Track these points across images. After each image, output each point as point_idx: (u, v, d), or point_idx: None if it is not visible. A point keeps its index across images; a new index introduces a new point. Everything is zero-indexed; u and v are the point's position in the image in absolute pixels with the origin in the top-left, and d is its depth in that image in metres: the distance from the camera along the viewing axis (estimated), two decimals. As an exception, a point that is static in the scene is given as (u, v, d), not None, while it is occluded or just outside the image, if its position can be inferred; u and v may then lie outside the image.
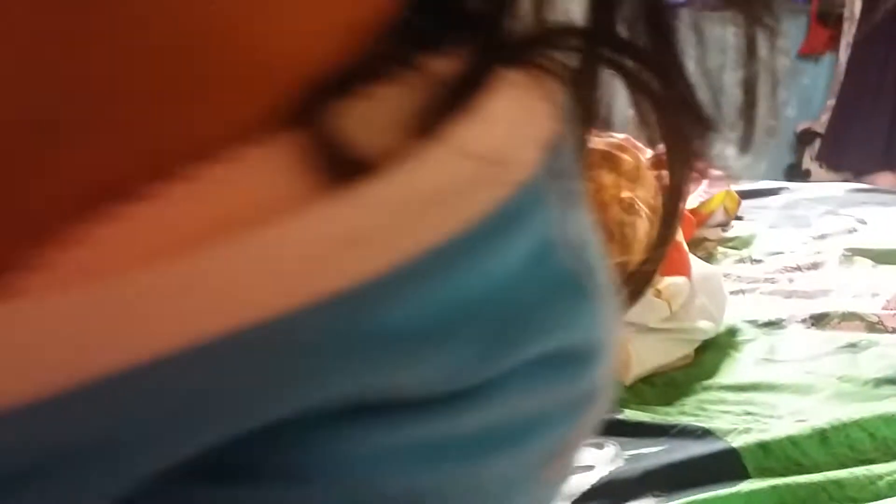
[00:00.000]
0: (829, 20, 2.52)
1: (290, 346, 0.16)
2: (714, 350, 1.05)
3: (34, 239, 0.16)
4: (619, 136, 1.72)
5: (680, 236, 1.18)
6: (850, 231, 1.45)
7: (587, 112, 0.20)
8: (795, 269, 1.31)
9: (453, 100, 0.17)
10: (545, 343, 0.18)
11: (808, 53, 2.64)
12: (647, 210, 1.18)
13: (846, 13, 2.47)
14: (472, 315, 0.17)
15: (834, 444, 0.78)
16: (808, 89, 2.67)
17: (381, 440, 0.17)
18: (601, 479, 0.76)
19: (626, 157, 1.21)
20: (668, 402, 0.93)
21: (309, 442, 0.17)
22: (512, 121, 0.18)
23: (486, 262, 0.17)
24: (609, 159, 1.18)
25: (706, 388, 0.95)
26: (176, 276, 0.15)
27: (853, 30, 2.42)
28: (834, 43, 2.54)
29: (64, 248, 0.16)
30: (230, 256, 0.16)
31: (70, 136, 0.17)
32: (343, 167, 0.17)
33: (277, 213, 0.16)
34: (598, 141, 1.27)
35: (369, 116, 0.17)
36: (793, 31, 2.62)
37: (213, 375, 0.16)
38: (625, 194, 1.17)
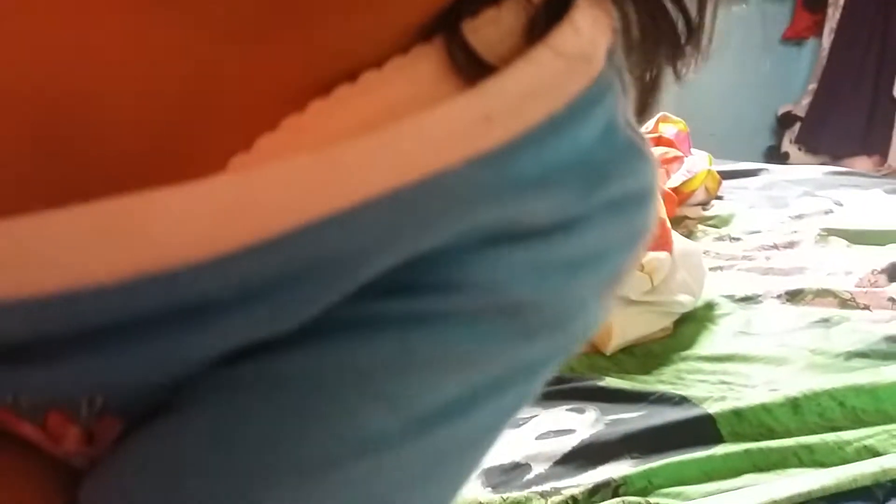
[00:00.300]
0: (814, 5, 2.55)
1: (450, 189, 0.23)
2: (692, 323, 1.08)
3: (248, 126, 0.23)
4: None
5: (662, 213, 1.20)
6: (827, 212, 1.49)
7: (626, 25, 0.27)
8: (772, 247, 1.34)
9: (550, 16, 0.24)
10: (616, 188, 0.25)
11: (792, 38, 2.66)
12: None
13: (830, -1, 2.50)
14: (568, 168, 0.24)
15: (805, 412, 0.81)
16: (790, 73, 2.70)
17: (511, 259, 0.24)
18: (582, 441, 0.79)
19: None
20: (647, 372, 0.96)
21: (460, 263, 0.24)
22: (590, 30, 0.25)
23: (577, 131, 0.24)
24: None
25: (684, 359, 0.98)
26: (365, 146, 0.22)
27: (837, 15, 2.45)
28: (818, 28, 2.57)
29: (272, 132, 0.22)
30: (404, 130, 0.22)
31: (272, 45, 0.23)
32: (473, 69, 0.23)
33: (429, 102, 0.23)
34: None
35: (490, 30, 0.24)
36: (778, 15, 2.65)
37: (398, 212, 0.22)
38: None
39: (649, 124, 1.84)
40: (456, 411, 0.25)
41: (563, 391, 0.92)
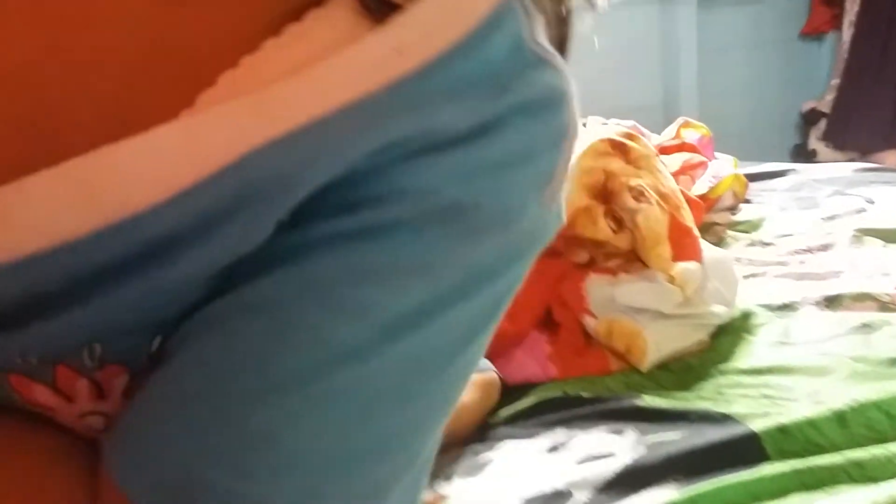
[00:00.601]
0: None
1: (368, 112, 0.26)
2: (729, 334, 1.05)
3: (189, 86, 0.26)
4: (626, 124, 1.72)
5: (690, 222, 1.18)
6: (859, 211, 1.45)
7: None
8: (806, 251, 1.32)
9: None
10: (525, 93, 0.29)
11: (811, 33, 2.63)
12: (656, 197, 1.18)
13: (848, -9, 2.46)
14: (481, 78, 0.28)
15: (852, 425, 0.79)
16: (812, 69, 2.66)
17: (436, 165, 0.27)
18: (624, 465, 0.77)
19: (634, 145, 1.21)
20: (686, 388, 0.94)
21: (390, 177, 0.27)
22: None
23: (485, 48, 0.28)
24: (618, 148, 1.18)
25: (723, 373, 0.96)
26: (291, 84, 0.26)
27: (856, 8, 2.41)
28: (837, 21, 2.53)
29: (211, 88, 0.26)
30: (324, 69, 0.26)
31: (201, 5, 0.27)
32: (383, 9, 0.27)
33: (347, 44, 0.26)
34: (607, 130, 1.27)
35: None
36: (795, 10, 2.61)
37: (324, 135, 0.26)
38: (634, 182, 1.17)
39: (671, 130, 1.82)
40: (423, 318, 0.28)
41: (601, 412, 0.90)
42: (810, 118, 2.56)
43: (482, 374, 1.01)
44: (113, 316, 0.26)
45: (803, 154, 2.55)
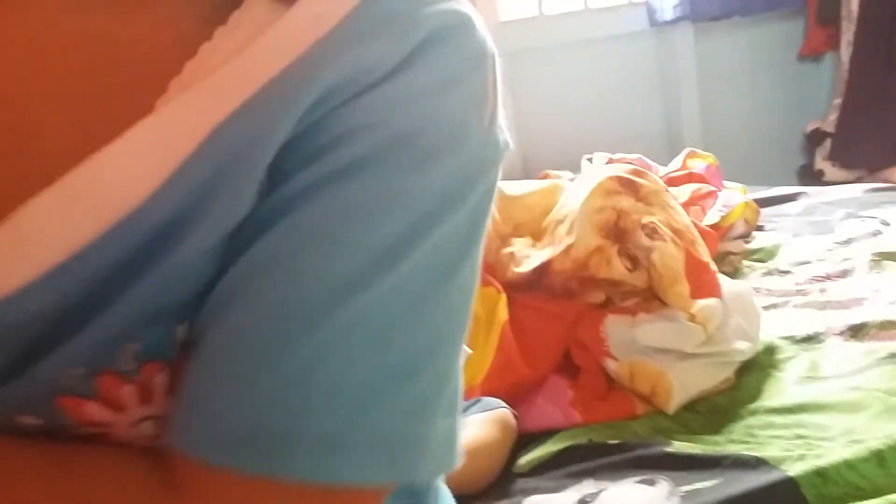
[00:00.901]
0: (827, 19, 2.51)
1: (304, 67, 0.30)
2: (755, 370, 1.03)
3: (147, 87, 0.30)
4: (631, 157, 1.70)
5: (707, 256, 1.16)
6: (875, 234, 1.43)
7: None
8: (825, 278, 1.29)
9: None
10: (431, 24, 0.32)
11: (809, 54, 2.63)
12: (670, 233, 1.16)
13: (843, 12, 2.46)
14: (390, 18, 0.32)
15: (891, 465, 0.76)
16: (812, 90, 2.66)
17: (378, 99, 0.31)
18: (659, 520, 0.75)
19: (643, 181, 1.19)
20: (716, 430, 0.91)
21: (342, 119, 0.30)
22: None
23: (386, 2, 0.32)
24: (627, 185, 1.17)
25: (752, 413, 0.93)
26: (233, 66, 0.30)
27: (852, 27, 2.41)
28: (833, 42, 2.53)
29: (164, 91, 0.30)
30: (258, 46, 0.30)
31: (142, 11, 0.31)
32: None
33: (277, 19, 0.31)
34: (615, 168, 1.25)
35: None
36: (791, 33, 2.62)
37: (274, 94, 0.30)
38: (646, 219, 1.15)
39: (677, 162, 1.81)
40: (409, 244, 0.31)
41: (629, 460, 0.88)
42: (814, 138, 2.55)
43: (496, 412, 0.98)
44: (139, 307, 0.29)
45: (810, 174, 2.54)
